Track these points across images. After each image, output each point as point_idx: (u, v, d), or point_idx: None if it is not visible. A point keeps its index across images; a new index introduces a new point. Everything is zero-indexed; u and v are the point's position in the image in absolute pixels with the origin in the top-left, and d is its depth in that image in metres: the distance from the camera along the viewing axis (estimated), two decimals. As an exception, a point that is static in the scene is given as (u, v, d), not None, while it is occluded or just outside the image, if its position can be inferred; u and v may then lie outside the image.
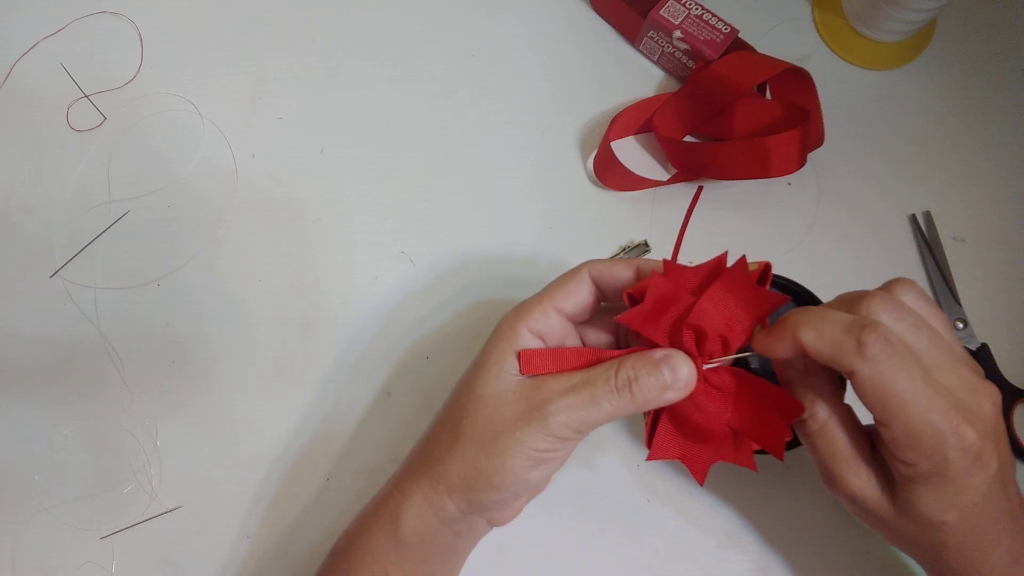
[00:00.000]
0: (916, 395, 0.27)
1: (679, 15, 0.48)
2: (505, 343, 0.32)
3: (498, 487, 0.32)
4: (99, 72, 0.52)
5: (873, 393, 0.27)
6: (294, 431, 0.45)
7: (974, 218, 0.49)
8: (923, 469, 0.28)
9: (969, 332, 0.46)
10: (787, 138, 0.44)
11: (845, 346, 0.27)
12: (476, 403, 0.32)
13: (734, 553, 0.43)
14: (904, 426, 0.27)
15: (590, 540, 0.43)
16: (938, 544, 0.30)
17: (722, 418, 0.31)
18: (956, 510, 0.29)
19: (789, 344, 0.29)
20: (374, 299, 0.48)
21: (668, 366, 0.30)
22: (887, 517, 0.31)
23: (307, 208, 0.49)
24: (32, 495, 0.45)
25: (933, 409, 0.27)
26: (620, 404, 0.30)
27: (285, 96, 0.52)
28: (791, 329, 0.29)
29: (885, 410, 0.27)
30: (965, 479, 0.28)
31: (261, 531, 0.44)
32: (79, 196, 0.49)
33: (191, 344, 0.47)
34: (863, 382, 0.27)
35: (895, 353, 0.27)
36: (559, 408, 0.30)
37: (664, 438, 0.31)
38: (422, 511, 0.33)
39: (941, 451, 0.27)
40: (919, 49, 0.52)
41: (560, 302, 0.33)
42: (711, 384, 0.30)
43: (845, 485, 0.31)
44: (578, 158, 0.50)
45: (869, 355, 0.27)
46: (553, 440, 0.31)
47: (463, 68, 0.52)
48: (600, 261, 0.33)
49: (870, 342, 0.27)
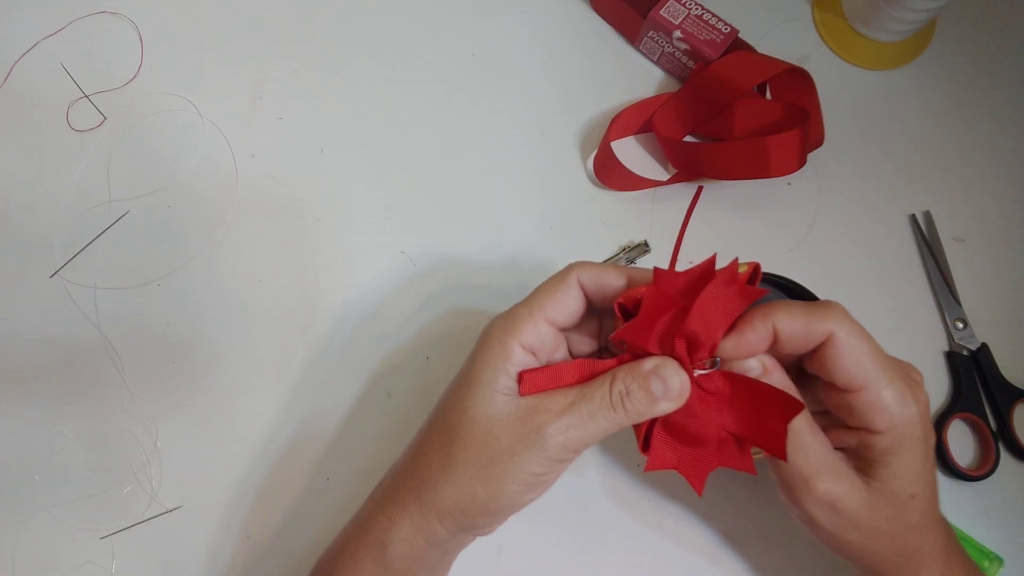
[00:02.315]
0: (883, 360, 0.29)
1: (679, 15, 0.48)
2: (497, 360, 0.31)
3: (493, 512, 0.31)
4: (99, 72, 0.52)
5: (852, 354, 0.29)
6: (294, 431, 0.45)
7: (974, 218, 0.49)
8: (896, 434, 0.29)
9: (969, 332, 0.46)
10: (787, 138, 0.44)
11: (818, 314, 0.29)
12: (469, 426, 0.31)
13: (734, 553, 0.43)
14: (876, 389, 0.29)
15: (589, 541, 0.43)
16: (905, 527, 0.31)
17: (718, 423, 0.30)
18: (922, 479, 0.31)
19: (762, 332, 0.29)
20: (374, 299, 0.48)
21: (658, 377, 0.29)
22: (860, 512, 0.31)
23: (307, 208, 0.49)
24: (32, 495, 0.45)
25: (896, 374, 0.29)
26: (616, 419, 0.30)
27: (285, 96, 0.52)
28: (761, 316, 0.29)
29: (862, 370, 0.29)
30: (927, 442, 0.30)
31: (261, 531, 0.44)
32: (79, 196, 0.49)
33: (191, 344, 0.47)
34: (841, 343, 0.29)
35: (856, 324, 0.29)
36: (557, 430, 0.30)
37: (660, 447, 0.31)
38: (411, 537, 0.33)
39: (908, 412, 0.29)
40: (919, 49, 0.52)
41: (550, 312, 0.31)
42: (705, 390, 0.30)
43: (822, 492, 0.30)
44: (578, 158, 0.50)
45: (839, 319, 0.29)
46: (550, 463, 0.30)
47: (463, 68, 0.52)
48: (589, 265, 0.32)
49: (837, 313, 0.29)
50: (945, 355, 0.46)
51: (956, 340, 0.46)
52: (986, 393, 0.45)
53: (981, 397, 0.45)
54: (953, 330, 0.46)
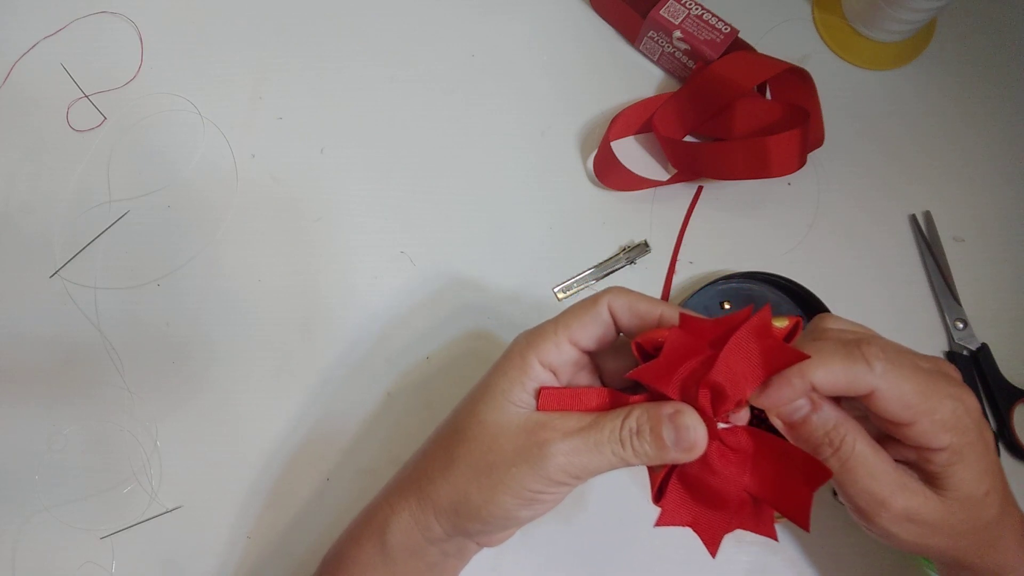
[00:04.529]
0: (925, 386, 0.29)
1: (679, 15, 0.48)
2: (515, 372, 0.31)
3: (485, 519, 0.31)
4: (99, 72, 0.52)
5: (897, 400, 0.28)
6: (294, 431, 0.45)
7: (974, 218, 0.49)
8: (957, 445, 0.29)
9: (969, 332, 0.46)
10: (787, 138, 0.44)
11: (857, 370, 0.28)
12: (476, 428, 0.31)
13: (734, 553, 0.43)
14: (930, 417, 0.29)
15: (589, 541, 0.43)
16: (985, 523, 0.31)
17: (739, 482, 0.28)
18: (990, 475, 0.30)
19: (799, 387, 0.28)
20: (374, 299, 0.48)
21: (672, 424, 0.28)
22: (940, 520, 0.30)
23: (307, 208, 0.49)
24: (32, 495, 0.45)
25: (939, 392, 0.29)
26: (622, 456, 0.29)
27: (285, 96, 0.52)
28: (798, 374, 0.28)
29: (911, 411, 0.28)
30: (984, 439, 0.30)
31: (261, 531, 0.44)
32: (79, 196, 0.49)
33: (191, 344, 0.47)
34: (885, 394, 0.28)
35: (894, 358, 0.28)
36: (560, 451, 0.29)
37: (675, 502, 0.29)
38: (408, 528, 0.33)
39: (962, 422, 0.29)
40: (919, 49, 0.52)
41: (576, 334, 0.31)
42: (727, 445, 0.28)
43: (898, 507, 0.30)
44: (578, 158, 0.50)
45: (880, 370, 0.28)
46: (548, 483, 0.29)
47: (463, 68, 0.52)
48: (624, 291, 0.31)
49: (873, 357, 0.28)
50: (945, 355, 0.46)
51: (956, 340, 0.46)
52: (986, 393, 0.45)
53: (981, 397, 0.45)
54: (953, 330, 0.46)
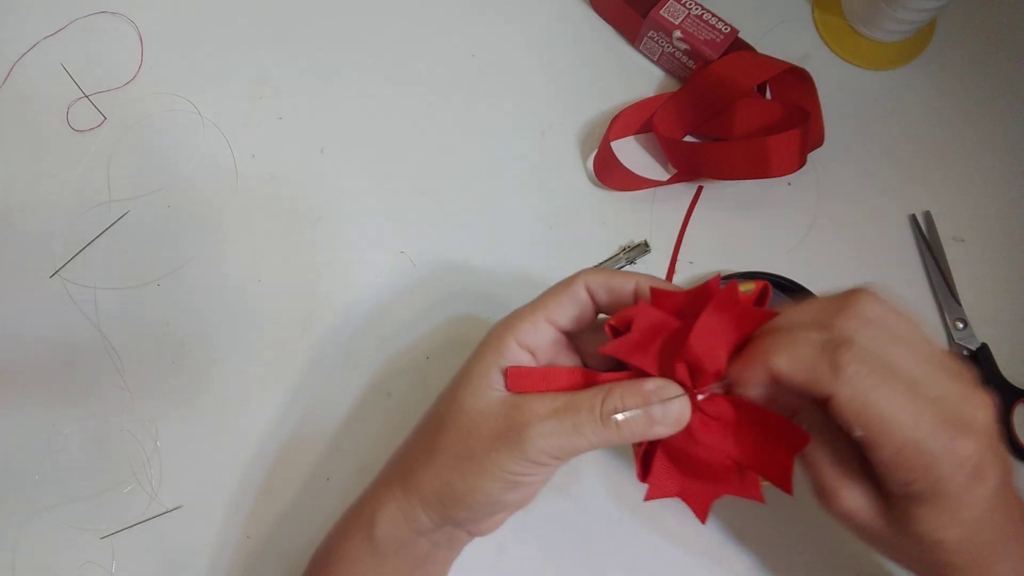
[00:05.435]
0: (901, 413, 0.25)
1: (679, 15, 0.48)
2: (492, 355, 0.31)
3: (470, 506, 0.31)
4: (99, 72, 0.52)
5: (854, 416, 0.25)
6: (294, 431, 0.45)
7: (974, 218, 0.49)
8: (918, 488, 0.26)
9: (969, 332, 0.46)
10: (787, 138, 0.44)
11: (819, 370, 0.26)
12: (455, 416, 0.31)
13: (734, 553, 0.43)
14: (893, 447, 0.26)
15: (589, 541, 0.43)
16: (938, 563, 0.29)
17: (723, 450, 0.29)
18: (955, 527, 0.27)
19: (761, 372, 0.27)
20: (374, 299, 0.48)
21: (658, 399, 0.28)
22: (883, 535, 0.29)
23: (307, 208, 0.49)
24: (32, 495, 0.45)
25: (920, 426, 0.25)
26: (605, 435, 0.28)
27: (285, 96, 0.52)
28: (762, 355, 0.27)
29: (870, 433, 0.26)
30: (964, 495, 0.26)
31: (261, 531, 0.44)
32: (79, 196, 0.49)
33: (191, 344, 0.47)
34: (842, 404, 0.25)
35: (873, 371, 0.25)
36: (538, 433, 0.29)
37: (661, 474, 0.30)
38: (395, 519, 0.33)
39: (935, 469, 0.26)
40: (919, 49, 0.52)
41: (552, 313, 0.31)
42: (708, 415, 0.28)
43: (838, 503, 0.29)
44: (578, 158, 0.50)
45: (846, 376, 0.25)
46: (529, 465, 0.29)
47: (463, 68, 0.52)
48: (597, 271, 0.31)
49: (844, 362, 0.25)
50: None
51: (956, 340, 0.46)
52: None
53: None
54: (953, 330, 0.46)
